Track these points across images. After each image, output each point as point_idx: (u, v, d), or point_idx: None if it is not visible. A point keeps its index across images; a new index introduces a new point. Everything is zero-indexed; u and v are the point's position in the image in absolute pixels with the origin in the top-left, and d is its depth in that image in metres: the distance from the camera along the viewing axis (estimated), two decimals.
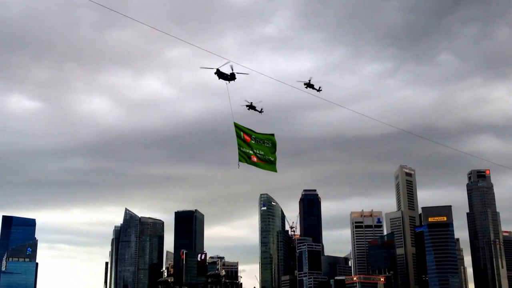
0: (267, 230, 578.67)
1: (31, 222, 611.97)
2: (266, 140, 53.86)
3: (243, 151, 51.92)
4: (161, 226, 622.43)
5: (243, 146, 51.92)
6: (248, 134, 52.55)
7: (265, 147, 53.65)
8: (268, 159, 53.71)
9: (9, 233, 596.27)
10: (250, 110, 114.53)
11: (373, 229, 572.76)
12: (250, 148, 52.41)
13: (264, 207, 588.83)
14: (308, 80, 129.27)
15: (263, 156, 53.30)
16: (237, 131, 52.00)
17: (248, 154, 52.20)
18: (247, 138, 52.34)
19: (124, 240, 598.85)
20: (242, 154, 51.77)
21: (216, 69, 69.52)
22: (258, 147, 52.96)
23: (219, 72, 70.21)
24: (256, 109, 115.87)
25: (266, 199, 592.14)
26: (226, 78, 70.35)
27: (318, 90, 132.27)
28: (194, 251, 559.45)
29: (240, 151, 51.63)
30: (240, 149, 51.63)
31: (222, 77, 70.47)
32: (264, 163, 53.34)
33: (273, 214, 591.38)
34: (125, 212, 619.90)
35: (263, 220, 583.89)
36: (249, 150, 52.29)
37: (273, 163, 54.29)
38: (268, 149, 53.92)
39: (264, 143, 53.57)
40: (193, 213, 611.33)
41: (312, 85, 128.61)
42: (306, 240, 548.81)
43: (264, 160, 53.41)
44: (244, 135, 52.30)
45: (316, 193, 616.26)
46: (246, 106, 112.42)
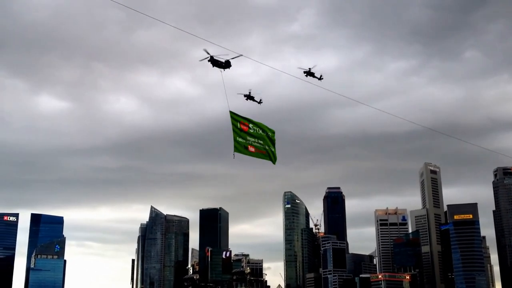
0: (291, 227, 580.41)
1: (59, 219, 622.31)
2: (265, 130, 51.10)
3: (239, 141, 49.02)
4: (186, 223, 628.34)
5: (240, 136, 49.12)
6: (245, 123, 49.83)
7: (265, 137, 50.84)
8: (267, 149, 50.82)
9: (38, 230, 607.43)
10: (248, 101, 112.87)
11: (398, 227, 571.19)
12: (247, 138, 49.56)
13: (288, 204, 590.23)
14: (309, 68, 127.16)
15: (262, 146, 50.52)
16: (233, 121, 49.24)
17: (244, 144, 49.32)
18: (244, 127, 49.63)
19: (150, 238, 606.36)
20: (238, 144, 48.81)
21: (210, 56, 67.07)
22: (256, 136, 50.15)
23: (213, 60, 67.66)
24: (254, 99, 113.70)
25: (290, 197, 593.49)
26: (220, 66, 67.92)
27: (320, 78, 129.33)
28: (219, 248, 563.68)
29: (236, 141, 48.76)
30: (236, 139, 48.79)
31: (216, 64, 67.97)
32: (262, 152, 50.44)
33: (297, 211, 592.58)
34: (151, 209, 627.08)
35: (287, 217, 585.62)
36: (246, 140, 49.42)
37: (273, 154, 51.21)
38: (268, 139, 51.06)
39: (263, 132, 50.85)
40: (218, 211, 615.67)
41: (312, 73, 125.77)
42: (330, 238, 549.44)
43: (263, 150, 50.53)
44: (241, 124, 49.53)
45: (340, 191, 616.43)
46: (244, 96, 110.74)
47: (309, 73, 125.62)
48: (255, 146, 49.77)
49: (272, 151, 50.92)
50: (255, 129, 50.00)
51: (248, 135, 49.32)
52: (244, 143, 49.00)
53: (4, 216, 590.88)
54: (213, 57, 66.77)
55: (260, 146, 50.03)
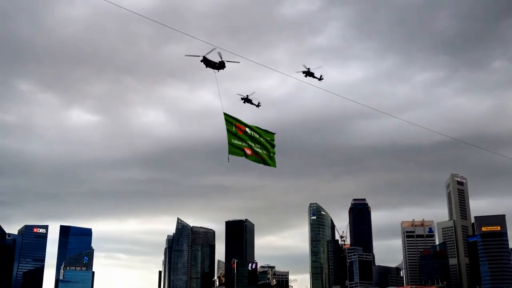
0: (317, 239, 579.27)
1: (87, 231, 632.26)
2: (263, 134, 47.60)
3: (235, 143, 45.49)
4: (213, 235, 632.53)
5: (235, 138, 45.56)
6: (241, 126, 46.35)
7: (262, 141, 47.30)
8: (264, 153, 47.11)
9: (67, 242, 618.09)
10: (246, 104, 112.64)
11: (424, 239, 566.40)
12: (244, 141, 46.07)
13: (314, 216, 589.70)
14: (307, 68, 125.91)
15: (259, 150, 46.84)
16: (228, 122, 45.74)
17: (241, 147, 45.77)
18: (240, 130, 46.13)
19: (176, 249, 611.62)
20: (233, 147, 45.32)
21: (203, 56, 65.29)
22: (253, 139, 46.75)
23: (206, 60, 65.74)
24: (252, 102, 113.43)
25: (316, 209, 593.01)
26: (214, 67, 65.98)
27: (320, 79, 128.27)
28: (245, 260, 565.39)
29: (230, 143, 45.19)
30: (230, 141, 45.20)
31: (209, 65, 66.00)
32: (261, 158, 46.83)
33: (322, 223, 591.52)
34: (177, 221, 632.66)
35: (313, 229, 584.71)
36: (242, 143, 45.91)
37: (272, 158, 47.55)
38: (266, 143, 47.49)
39: (261, 137, 47.28)
40: (244, 223, 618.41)
41: (312, 74, 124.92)
42: (356, 250, 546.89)
43: (261, 155, 46.86)
44: (237, 126, 46.09)
45: (365, 202, 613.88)
46: (241, 99, 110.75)
47: (308, 73, 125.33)
48: (253, 149, 46.56)
49: (270, 155, 47.62)
50: (251, 133, 46.89)
51: (245, 137, 46.31)
52: (240, 145, 45.91)
53: (34, 228, 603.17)
54: (206, 57, 65.82)
55: (257, 150, 46.74)
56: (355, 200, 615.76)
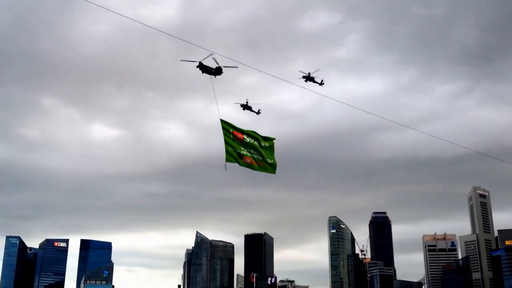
0: (337, 253, 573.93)
1: (107, 245, 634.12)
2: (262, 140, 45.77)
3: (232, 151, 43.88)
4: (232, 249, 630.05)
5: (233, 145, 44.02)
6: (239, 133, 44.77)
7: (262, 147, 45.55)
8: (265, 160, 45.31)
9: (87, 256, 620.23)
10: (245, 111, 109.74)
11: (447, 253, 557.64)
12: (241, 148, 44.41)
13: (333, 230, 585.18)
14: (308, 73, 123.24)
15: (258, 158, 45.09)
16: (225, 129, 44.30)
17: (239, 154, 44.09)
18: (239, 136, 44.51)
19: (195, 263, 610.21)
20: (231, 154, 43.69)
21: (199, 62, 64.40)
22: (252, 146, 45.02)
23: (202, 66, 64.72)
24: (252, 109, 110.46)
25: (335, 222, 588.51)
26: (210, 72, 64.71)
27: (321, 84, 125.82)
28: (264, 274, 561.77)
29: (228, 150, 43.58)
30: (228, 148, 43.65)
31: (205, 71, 64.76)
32: (259, 164, 44.99)
33: (342, 237, 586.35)
34: (196, 235, 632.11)
35: (332, 243, 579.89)
36: (240, 150, 44.23)
37: (272, 165, 45.70)
38: (265, 150, 45.64)
39: (259, 144, 45.46)
40: (263, 236, 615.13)
41: (312, 78, 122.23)
42: (377, 264, 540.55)
43: (260, 162, 45.09)
44: (235, 133, 44.44)
45: (386, 216, 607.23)
46: (240, 105, 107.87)
47: (308, 78, 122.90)
48: (252, 157, 44.86)
49: (270, 162, 45.70)
50: (250, 140, 45.19)
51: (243, 144, 44.70)
52: (238, 152, 44.29)
53: (55, 242, 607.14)
54: (201, 63, 64.95)
55: (256, 157, 45.10)
56: (375, 213, 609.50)
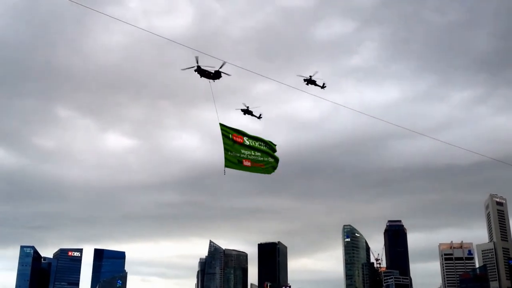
0: (351, 262, 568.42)
1: (121, 255, 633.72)
2: (263, 143, 45.58)
3: (232, 155, 43.90)
4: (245, 258, 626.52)
5: (232, 150, 44.04)
6: (239, 136, 44.61)
7: (262, 148, 45.29)
8: (265, 160, 45.24)
9: (101, 265, 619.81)
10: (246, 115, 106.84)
11: (464, 262, 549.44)
12: (241, 151, 44.37)
13: (348, 238, 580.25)
14: (309, 76, 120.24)
15: (260, 159, 45.01)
16: (224, 133, 44.32)
17: (238, 158, 44.16)
18: (239, 139, 44.45)
19: (209, 273, 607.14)
20: (230, 159, 43.74)
21: (197, 66, 63.67)
22: (253, 148, 44.84)
23: (200, 70, 63.95)
24: (253, 114, 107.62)
25: (350, 230, 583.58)
26: (208, 76, 64.07)
27: (322, 87, 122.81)
28: (278, 283, 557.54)
29: (227, 155, 43.65)
30: (227, 153, 43.69)
31: (204, 75, 64.10)
32: (260, 166, 45.03)
33: (357, 245, 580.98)
34: (210, 244, 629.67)
35: (347, 252, 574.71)
36: (240, 154, 44.24)
37: (273, 164, 45.64)
38: (266, 152, 45.39)
39: (261, 145, 45.33)
40: (276, 245, 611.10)
41: (314, 81, 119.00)
42: (393, 273, 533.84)
43: (261, 163, 45.05)
44: (234, 136, 44.42)
45: (401, 224, 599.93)
46: (241, 110, 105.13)
47: (310, 81, 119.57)
48: (252, 159, 44.61)
49: (270, 162, 45.56)
50: (251, 142, 45.01)
51: (242, 148, 44.47)
52: (238, 157, 44.27)
53: (69, 252, 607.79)
54: (200, 66, 63.94)
55: (257, 159, 44.90)
56: (390, 222, 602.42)
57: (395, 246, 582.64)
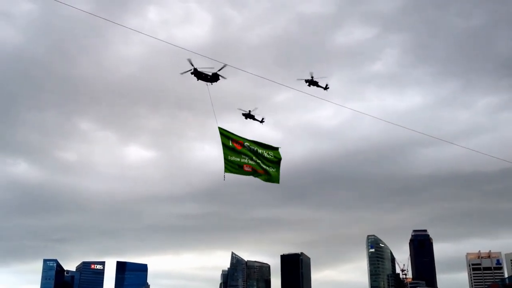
0: (376, 273, 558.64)
1: (143, 267, 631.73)
2: (265, 150, 44.22)
3: (232, 160, 42.67)
4: (268, 269, 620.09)
5: (232, 155, 42.88)
6: (239, 140, 43.52)
7: (265, 155, 43.97)
8: (266, 168, 43.84)
9: (123, 278, 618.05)
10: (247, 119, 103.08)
11: (492, 272, 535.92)
12: (241, 157, 43.20)
13: (372, 249, 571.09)
14: (311, 76, 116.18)
15: (260, 165, 43.60)
16: (224, 138, 43.26)
17: (238, 163, 43.02)
18: (238, 145, 43.26)
19: (231, 285, 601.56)
20: (230, 164, 42.54)
21: (194, 68, 62.87)
22: (253, 154, 43.54)
23: (197, 72, 63.00)
24: (255, 118, 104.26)
25: (374, 241, 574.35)
26: (206, 79, 63.44)
27: (325, 88, 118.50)
28: None
29: (226, 161, 42.44)
30: (227, 157, 42.50)
31: (201, 78, 63.33)
32: (260, 172, 43.62)
33: (382, 256, 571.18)
34: (232, 256, 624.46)
35: (371, 262, 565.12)
36: (240, 159, 43.10)
37: (275, 174, 44.04)
38: (268, 159, 44.04)
39: (262, 153, 43.96)
40: (299, 256, 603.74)
41: (315, 82, 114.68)
42: (419, 284, 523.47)
43: (261, 169, 43.62)
44: (234, 142, 43.30)
45: (427, 233, 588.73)
46: (242, 114, 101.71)
47: (311, 82, 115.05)
48: (252, 165, 43.38)
49: (273, 171, 44.05)
50: (251, 148, 43.74)
51: (243, 153, 43.26)
52: (238, 161, 43.01)
53: (92, 265, 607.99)
54: (197, 69, 62.51)
55: (257, 165, 43.52)
56: (415, 231, 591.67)
57: (421, 256, 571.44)
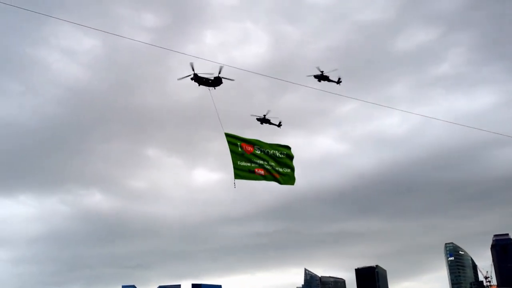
0: (458, 282, 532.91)
1: None
2: (277, 150, 42.30)
3: (242, 166, 40.61)
4: (343, 284, 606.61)
5: (242, 160, 40.73)
6: (249, 145, 41.28)
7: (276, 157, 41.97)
8: (281, 171, 42.00)
9: None
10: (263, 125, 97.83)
11: None
12: (252, 161, 41.14)
13: (451, 257, 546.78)
14: (321, 72, 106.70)
15: (274, 168, 41.56)
16: (231, 144, 40.99)
17: (250, 168, 40.93)
18: (248, 148, 41.13)
19: None
20: (240, 169, 40.43)
21: (193, 74, 60.64)
22: (265, 157, 41.44)
23: (197, 78, 60.71)
24: (271, 122, 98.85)
25: (452, 248, 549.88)
26: (207, 84, 60.90)
27: (338, 82, 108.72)
28: None
29: (236, 165, 40.42)
30: (237, 164, 40.41)
31: (202, 83, 60.87)
32: (275, 176, 41.61)
33: (462, 264, 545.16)
34: (305, 272, 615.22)
35: (452, 271, 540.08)
36: (251, 163, 41.02)
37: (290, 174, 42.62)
38: (281, 160, 42.16)
39: (274, 154, 42.01)
40: (375, 269, 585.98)
41: (326, 77, 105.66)
42: None
43: (275, 173, 41.66)
44: (243, 145, 41.18)
45: (509, 237, 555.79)
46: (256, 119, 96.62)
47: (322, 78, 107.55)
48: (266, 168, 41.27)
49: (287, 172, 42.34)
50: (262, 150, 41.65)
51: (254, 157, 40.66)
52: (249, 166, 40.65)
53: None
54: (197, 74, 59.58)
55: (271, 168, 41.58)
56: (496, 236, 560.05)
57: (505, 261, 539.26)
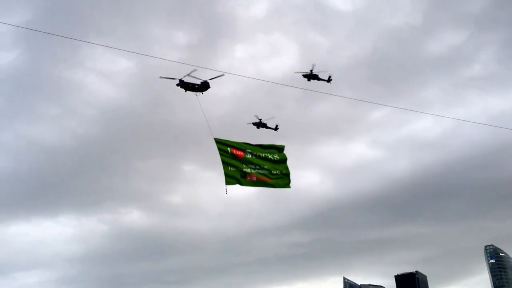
0: (501, 285, 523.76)
1: None
2: (268, 153, 42.18)
3: (233, 171, 40.58)
4: None
5: (233, 165, 40.67)
6: (239, 148, 41.05)
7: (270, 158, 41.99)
8: (276, 173, 42.12)
9: None
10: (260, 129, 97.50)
11: None
12: (243, 166, 41.04)
13: (492, 259, 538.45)
14: (310, 70, 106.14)
15: (267, 172, 41.68)
16: (221, 149, 40.84)
17: (241, 173, 40.89)
18: (239, 153, 40.98)
19: None
20: (231, 175, 40.32)
21: (179, 80, 57.68)
22: (257, 161, 41.38)
23: (183, 83, 58.01)
24: (268, 126, 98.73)
25: (493, 251, 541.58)
26: (194, 89, 58.19)
27: (328, 80, 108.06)
28: None
29: (227, 171, 40.34)
30: (227, 169, 40.38)
31: (188, 88, 58.14)
32: (268, 180, 41.80)
33: (504, 266, 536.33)
34: (344, 281, 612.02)
35: (493, 274, 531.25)
36: (242, 168, 40.95)
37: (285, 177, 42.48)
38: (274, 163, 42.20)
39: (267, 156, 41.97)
40: (415, 275, 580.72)
41: (315, 76, 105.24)
42: None
43: (268, 177, 41.76)
44: (233, 150, 41.03)
45: None
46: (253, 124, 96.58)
47: (311, 76, 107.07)
48: (257, 174, 41.21)
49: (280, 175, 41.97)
50: (254, 154, 41.47)
51: (245, 161, 40.63)
52: (240, 172, 40.55)
53: None
54: (182, 80, 57.75)
55: (263, 173, 41.57)
56: None
57: None
